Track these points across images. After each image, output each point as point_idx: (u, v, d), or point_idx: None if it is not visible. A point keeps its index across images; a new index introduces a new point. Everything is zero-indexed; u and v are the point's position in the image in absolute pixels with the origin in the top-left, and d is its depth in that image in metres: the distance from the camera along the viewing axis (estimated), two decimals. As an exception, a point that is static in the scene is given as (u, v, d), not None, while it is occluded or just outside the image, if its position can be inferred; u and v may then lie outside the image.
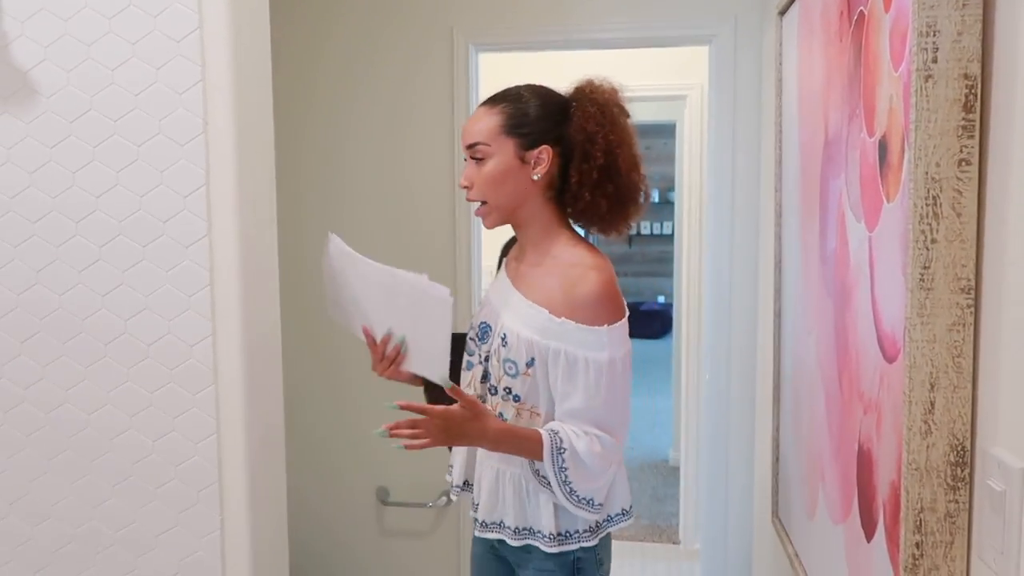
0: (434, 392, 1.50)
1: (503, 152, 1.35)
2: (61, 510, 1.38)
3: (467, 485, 1.51)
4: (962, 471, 0.85)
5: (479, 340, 1.46)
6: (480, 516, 1.42)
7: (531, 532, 1.38)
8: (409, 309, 1.38)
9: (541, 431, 1.32)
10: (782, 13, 1.68)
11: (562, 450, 1.30)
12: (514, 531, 1.39)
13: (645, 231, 8.38)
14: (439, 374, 1.34)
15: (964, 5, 0.81)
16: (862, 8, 1.09)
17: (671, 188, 5.28)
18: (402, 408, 1.29)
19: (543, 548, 1.36)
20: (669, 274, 3.98)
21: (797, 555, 1.51)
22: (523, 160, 1.35)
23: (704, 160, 3.09)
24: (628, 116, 1.40)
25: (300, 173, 2.40)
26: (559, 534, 1.36)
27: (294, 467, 2.41)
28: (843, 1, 1.19)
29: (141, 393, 1.33)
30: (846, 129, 1.17)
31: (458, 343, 1.52)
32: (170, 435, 1.33)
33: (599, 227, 1.40)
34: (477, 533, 1.44)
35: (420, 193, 2.38)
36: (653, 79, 3.27)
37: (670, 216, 6.23)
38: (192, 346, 1.31)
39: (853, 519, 1.13)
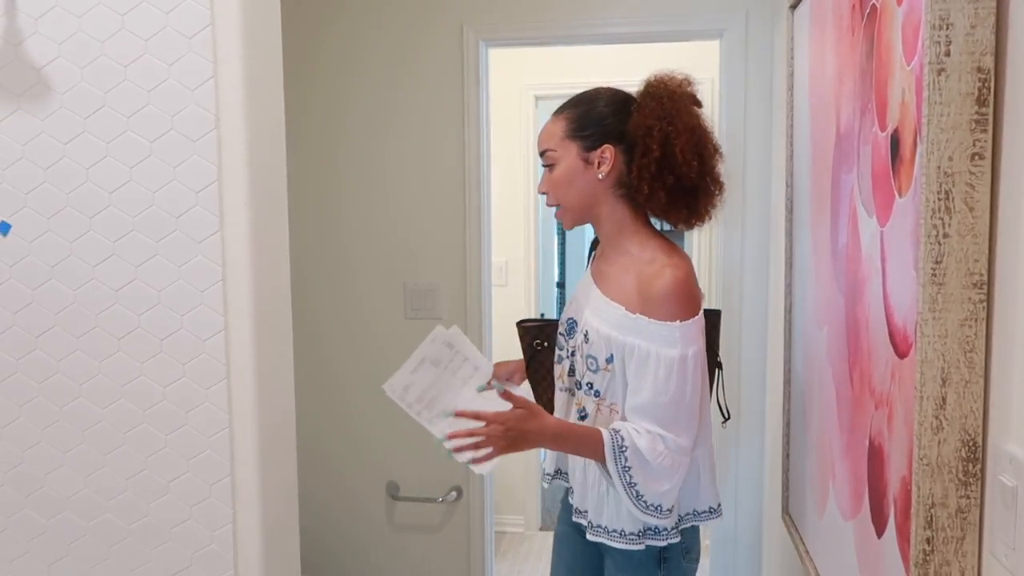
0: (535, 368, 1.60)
1: (568, 155, 1.40)
2: (76, 502, 1.39)
3: (559, 473, 1.57)
4: (974, 467, 0.85)
5: (567, 335, 1.50)
6: (575, 503, 1.48)
7: (604, 530, 1.41)
8: (447, 382, 1.47)
9: (602, 429, 1.33)
10: (793, 7, 1.67)
11: (623, 448, 1.31)
12: (589, 525, 1.44)
13: (656, 226, 8.32)
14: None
15: (978, -2, 0.81)
16: (874, 1, 1.08)
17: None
18: (457, 415, 1.33)
19: (620, 547, 1.39)
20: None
21: (807, 551, 1.51)
22: (587, 161, 1.40)
23: (715, 155, 3.07)
24: (696, 105, 1.42)
25: (308, 169, 2.41)
26: (639, 532, 1.39)
27: (305, 462, 2.43)
28: (855, -5, 1.18)
29: (154, 387, 1.34)
30: (858, 123, 1.16)
31: (526, 333, 1.63)
32: (183, 429, 1.35)
33: (668, 219, 1.43)
34: (575, 518, 1.49)
35: (430, 190, 2.38)
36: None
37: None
38: (204, 340, 1.32)
39: (864, 515, 1.13)
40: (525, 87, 3.43)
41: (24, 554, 1.41)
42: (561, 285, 4.85)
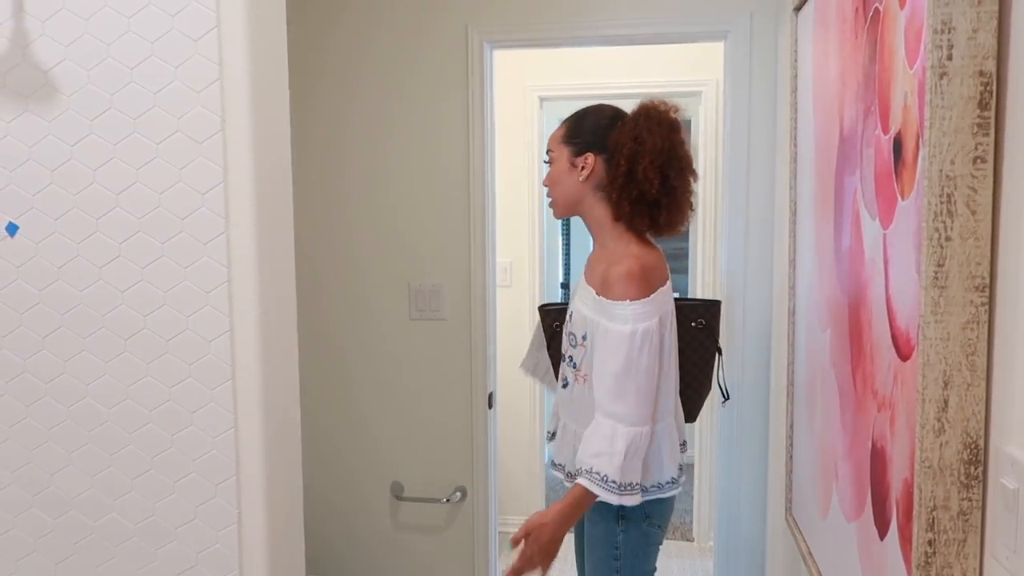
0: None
1: (560, 158, 1.66)
2: (82, 502, 1.40)
3: (552, 436, 1.81)
4: (975, 469, 0.85)
5: (569, 320, 1.73)
6: (554, 456, 1.79)
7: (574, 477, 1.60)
8: None
9: (578, 481, 1.54)
10: (797, 9, 1.67)
11: (593, 476, 1.52)
12: (565, 475, 1.72)
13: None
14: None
15: (980, 2, 0.81)
16: (877, 5, 1.08)
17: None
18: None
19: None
20: (684, 271, 3.96)
21: (810, 553, 1.51)
22: (573, 164, 1.64)
23: (720, 156, 3.08)
24: (672, 131, 1.60)
25: (312, 170, 2.42)
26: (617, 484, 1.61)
27: (310, 462, 2.44)
28: (858, -3, 1.18)
29: (160, 388, 1.35)
30: (861, 126, 1.16)
31: (547, 315, 1.87)
32: (188, 429, 1.35)
33: (633, 226, 1.62)
34: (554, 471, 1.80)
35: (435, 191, 2.39)
36: (668, 75, 3.26)
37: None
38: (210, 341, 1.33)
39: (866, 517, 1.13)
40: (529, 88, 3.44)
41: (31, 553, 1.42)
42: (565, 286, 4.86)
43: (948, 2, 0.82)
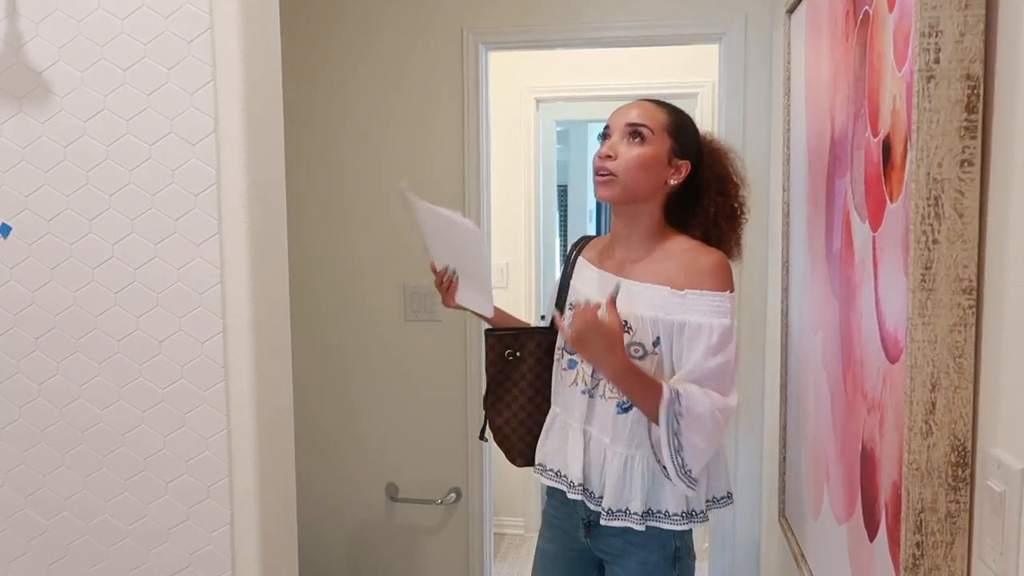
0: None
1: (660, 145, 1.45)
2: (75, 503, 1.40)
3: (575, 486, 1.51)
4: (963, 471, 0.85)
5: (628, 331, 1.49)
6: (606, 504, 1.44)
7: (653, 514, 1.43)
8: (455, 243, 1.58)
9: (663, 384, 1.34)
10: (790, 12, 1.68)
11: (678, 406, 1.33)
12: (640, 515, 1.43)
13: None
14: (486, 308, 1.57)
15: (967, 5, 0.81)
16: (867, 8, 1.09)
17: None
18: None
19: (668, 527, 1.42)
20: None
21: (803, 554, 1.51)
22: (669, 162, 1.46)
23: (715, 158, 3.08)
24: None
25: (307, 171, 2.42)
26: (685, 512, 1.43)
27: (304, 464, 2.44)
28: (849, 0, 1.19)
29: (153, 389, 1.35)
30: (851, 128, 1.17)
31: (499, 343, 1.67)
32: (181, 430, 1.35)
33: (711, 240, 1.51)
34: (604, 522, 1.45)
35: (430, 192, 2.38)
36: (664, 76, 3.26)
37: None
38: (203, 343, 1.33)
39: (856, 519, 1.14)
40: (526, 90, 3.44)
41: (24, 554, 1.42)
42: (562, 287, 4.84)
43: (936, 5, 0.82)
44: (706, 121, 3.25)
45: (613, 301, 1.32)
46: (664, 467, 1.38)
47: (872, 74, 1.06)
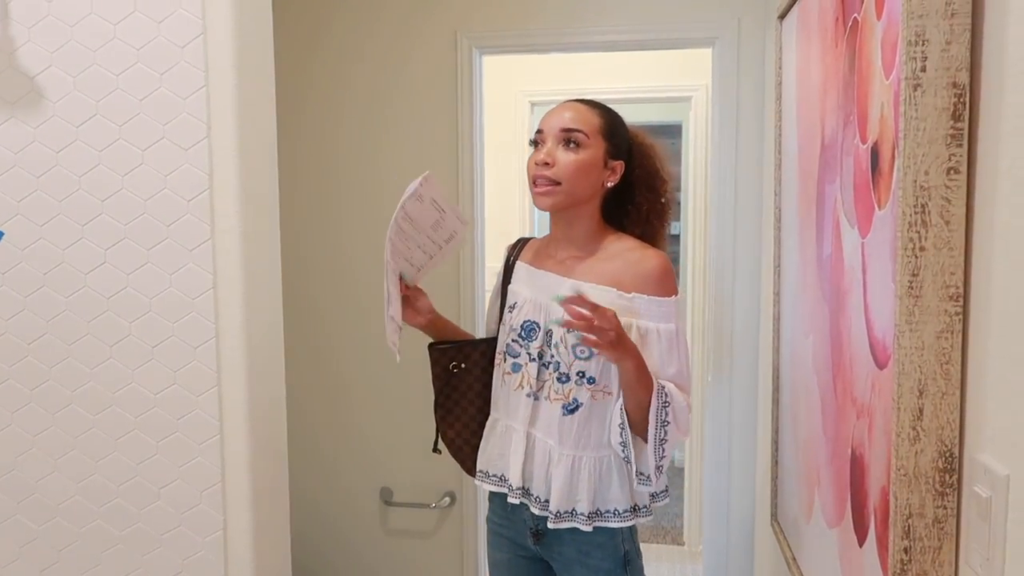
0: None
1: (596, 149, 1.45)
2: (68, 509, 1.40)
3: (524, 492, 1.51)
4: (950, 477, 0.86)
5: (524, 340, 1.49)
6: (554, 507, 1.44)
7: (600, 515, 1.45)
8: (420, 238, 1.55)
9: (655, 380, 1.37)
10: (781, 17, 1.68)
11: (666, 397, 1.37)
12: (587, 516, 1.44)
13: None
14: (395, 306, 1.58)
15: (953, 14, 0.82)
16: (856, 15, 1.09)
17: (678, 189, 5.28)
18: (568, 301, 1.31)
19: (617, 525, 1.45)
20: (676, 274, 3.96)
21: (794, 558, 1.52)
22: (605, 164, 1.47)
23: (709, 161, 3.09)
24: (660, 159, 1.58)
25: (300, 175, 2.42)
26: (630, 508, 1.45)
27: (298, 468, 2.44)
28: (838, 7, 1.19)
29: (146, 394, 1.35)
30: (841, 135, 1.17)
31: (443, 356, 1.65)
32: (174, 436, 1.35)
33: (646, 237, 1.53)
34: (551, 525, 1.44)
35: (424, 195, 2.39)
36: (658, 80, 3.27)
37: (677, 216, 6.22)
38: (196, 348, 1.33)
39: (846, 523, 1.14)
40: (520, 93, 3.45)
41: (15, 560, 1.42)
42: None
43: (922, 14, 0.83)
44: (701, 124, 3.26)
45: (584, 298, 1.31)
46: (628, 462, 1.41)
47: (860, 81, 1.06)
